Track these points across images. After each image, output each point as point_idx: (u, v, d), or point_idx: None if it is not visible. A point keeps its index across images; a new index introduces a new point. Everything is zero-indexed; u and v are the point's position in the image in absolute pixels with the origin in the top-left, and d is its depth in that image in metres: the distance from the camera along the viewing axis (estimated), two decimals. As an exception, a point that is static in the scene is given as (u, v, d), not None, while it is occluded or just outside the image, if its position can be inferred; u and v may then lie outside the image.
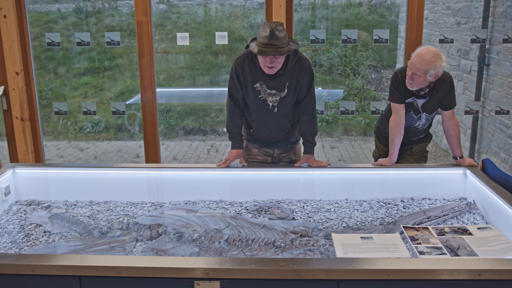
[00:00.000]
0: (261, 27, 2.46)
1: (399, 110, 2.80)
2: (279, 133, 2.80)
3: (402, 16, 7.71)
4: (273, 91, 2.62)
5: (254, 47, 2.45)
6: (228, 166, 2.75)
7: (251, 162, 2.93)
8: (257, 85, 2.62)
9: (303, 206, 2.57)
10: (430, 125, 2.97)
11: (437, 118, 3.51)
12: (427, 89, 2.73)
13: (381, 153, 3.16)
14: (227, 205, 2.60)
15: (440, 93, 2.74)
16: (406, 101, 2.80)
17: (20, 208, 2.58)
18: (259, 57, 2.51)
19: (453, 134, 2.81)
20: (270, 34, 2.38)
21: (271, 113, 2.69)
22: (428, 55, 2.56)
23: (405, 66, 2.85)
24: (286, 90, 2.63)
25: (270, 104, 2.65)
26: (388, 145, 2.92)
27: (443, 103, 2.78)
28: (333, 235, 2.14)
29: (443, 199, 2.64)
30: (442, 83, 2.72)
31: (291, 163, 2.92)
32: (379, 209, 2.53)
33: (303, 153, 2.80)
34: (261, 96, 2.64)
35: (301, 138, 2.89)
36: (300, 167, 2.74)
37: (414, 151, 3.04)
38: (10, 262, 1.78)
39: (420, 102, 2.79)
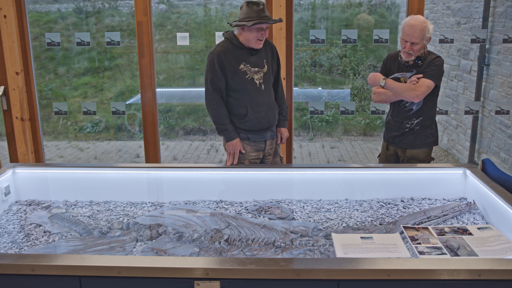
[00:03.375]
0: (245, 7, 2.71)
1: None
2: (271, 113, 2.94)
3: (402, 16, 7.71)
4: (256, 69, 2.84)
5: (250, 22, 2.67)
6: (228, 166, 2.77)
7: (244, 163, 2.93)
8: (242, 66, 2.80)
9: (303, 206, 2.57)
10: (426, 115, 2.99)
11: (438, 118, 3.50)
12: (414, 57, 2.92)
13: (384, 151, 3.19)
14: (227, 205, 2.60)
15: (426, 64, 2.91)
16: (394, 75, 2.99)
17: (20, 208, 2.58)
18: (253, 33, 2.71)
19: None
20: (263, 7, 2.70)
21: (259, 91, 2.86)
22: (418, 22, 2.82)
23: (398, 50, 3.07)
24: (266, 66, 2.88)
25: (257, 82, 2.84)
26: (393, 142, 3.11)
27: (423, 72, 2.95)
28: (333, 235, 2.14)
29: (443, 199, 2.64)
30: (429, 56, 2.94)
31: (275, 154, 3.04)
32: (379, 209, 2.53)
33: (279, 127, 3.05)
34: (248, 76, 2.82)
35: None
36: (296, 167, 2.75)
37: (407, 155, 3.03)
38: (10, 262, 1.78)
39: (408, 76, 2.94)
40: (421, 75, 2.87)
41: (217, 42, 3.86)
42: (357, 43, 5.33)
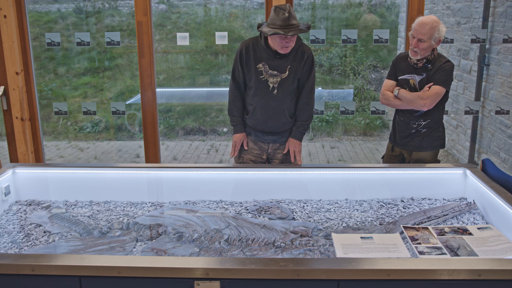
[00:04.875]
0: (272, 12, 2.62)
1: (387, 84, 3.03)
2: (275, 119, 2.86)
3: (402, 16, 7.71)
4: (275, 72, 2.77)
5: (270, 30, 2.58)
6: (228, 166, 2.77)
7: (246, 158, 2.98)
8: (260, 65, 2.77)
9: (303, 206, 2.57)
10: (434, 118, 2.97)
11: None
12: (425, 60, 2.86)
13: (389, 153, 3.18)
14: (227, 205, 2.60)
15: (435, 68, 2.86)
16: (403, 77, 2.96)
17: (20, 208, 2.58)
18: (276, 39, 2.65)
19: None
20: (289, 15, 2.58)
21: (270, 95, 2.81)
22: (429, 20, 2.77)
23: (408, 52, 3.01)
24: (287, 72, 2.78)
25: (271, 85, 2.79)
26: (400, 144, 3.08)
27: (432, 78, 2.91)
28: (333, 235, 2.14)
29: (443, 199, 2.64)
30: (438, 59, 2.88)
31: (283, 161, 2.98)
32: (379, 209, 2.53)
33: (290, 137, 2.93)
34: (263, 76, 2.78)
35: None
36: (296, 167, 2.75)
37: (413, 157, 3.03)
38: (10, 262, 1.78)
39: (417, 79, 2.91)
40: (432, 84, 2.85)
41: (217, 42, 3.87)
42: (357, 43, 5.33)
